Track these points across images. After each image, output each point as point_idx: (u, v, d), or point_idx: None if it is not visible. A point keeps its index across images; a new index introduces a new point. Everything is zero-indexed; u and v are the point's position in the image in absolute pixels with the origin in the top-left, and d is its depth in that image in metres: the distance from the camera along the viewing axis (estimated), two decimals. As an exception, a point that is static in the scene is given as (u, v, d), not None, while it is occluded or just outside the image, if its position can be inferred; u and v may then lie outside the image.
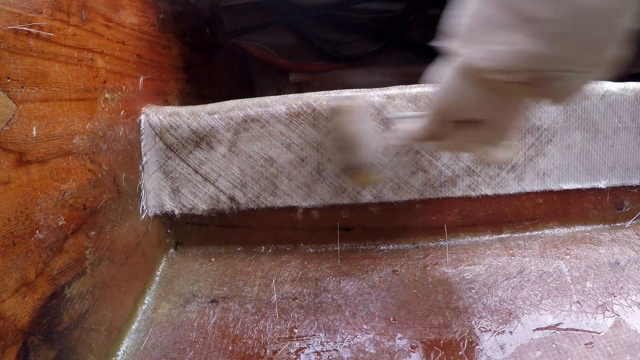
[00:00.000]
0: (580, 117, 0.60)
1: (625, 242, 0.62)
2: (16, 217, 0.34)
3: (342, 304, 0.53)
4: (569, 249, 0.60)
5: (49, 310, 0.37)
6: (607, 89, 0.60)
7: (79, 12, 0.44)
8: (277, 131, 0.58)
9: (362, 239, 0.63)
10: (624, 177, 0.63)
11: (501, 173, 0.60)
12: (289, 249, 0.63)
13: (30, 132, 0.37)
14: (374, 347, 0.48)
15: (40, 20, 0.38)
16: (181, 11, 0.78)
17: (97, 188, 0.46)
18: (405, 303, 0.53)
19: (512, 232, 0.64)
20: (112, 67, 0.51)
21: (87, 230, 0.44)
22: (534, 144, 0.60)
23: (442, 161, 0.59)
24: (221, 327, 0.51)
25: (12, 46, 0.35)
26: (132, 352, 0.48)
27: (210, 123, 0.58)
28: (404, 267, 0.59)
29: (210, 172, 0.59)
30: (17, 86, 0.35)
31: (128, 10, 0.56)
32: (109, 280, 0.47)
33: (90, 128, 0.45)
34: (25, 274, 0.35)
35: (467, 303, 0.53)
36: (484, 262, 0.59)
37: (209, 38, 0.98)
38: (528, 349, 0.47)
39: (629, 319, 0.50)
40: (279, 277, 0.58)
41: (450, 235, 0.63)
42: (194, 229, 0.63)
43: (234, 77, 1.19)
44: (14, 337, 0.33)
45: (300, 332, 0.50)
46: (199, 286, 0.57)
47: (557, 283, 0.55)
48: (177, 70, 0.73)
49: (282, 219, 0.62)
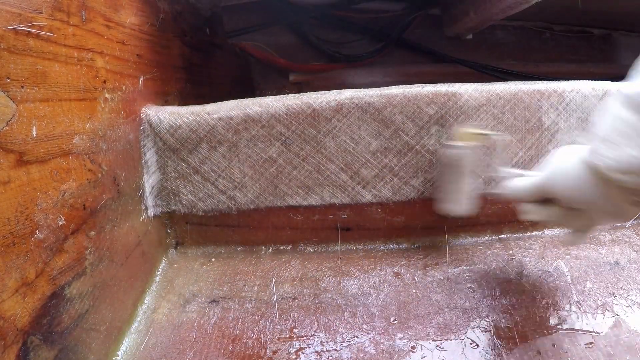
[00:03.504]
0: (580, 118, 0.60)
1: (625, 242, 0.62)
2: (16, 217, 0.34)
3: (342, 304, 0.53)
4: (569, 249, 0.60)
5: (49, 310, 0.37)
6: (607, 89, 0.60)
7: (79, 12, 0.44)
8: (277, 131, 0.58)
9: (362, 239, 0.63)
10: (624, 177, 0.63)
11: (501, 173, 0.60)
12: (289, 249, 0.63)
13: (30, 132, 0.37)
14: (374, 347, 0.48)
15: (40, 20, 0.38)
16: (181, 11, 0.78)
17: (97, 188, 0.46)
18: (405, 303, 0.53)
19: (512, 232, 0.64)
20: (112, 67, 0.51)
21: (87, 230, 0.44)
22: (534, 144, 0.60)
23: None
24: (221, 327, 0.51)
25: (12, 46, 0.35)
26: (132, 352, 0.48)
27: (210, 123, 0.58)
28: (404, 267, 0.58)
29: (210, 172, 0.59)
30: (17, 86, 0.35)
31: (128, 10, 0.56)
32: (108, 280, 0.47)
33: (90, 128, 0.45)
34: (25, 274, 0.35)
35: (467, 303, 0.52)
36: (484, 262, 0.59)
37: (209, 38, 0.98)
38: (528, 349, 0.47)
39: (629, 319, 0.50)
40: (279, 277, 0.58)
41: (450, 235, 0.63)
42: (194, 229, 0.63)
43: (234, 77, 1.19)
44: (14, 337, 0.33)
45: (300, 332, 0.50)
46: (199, 286, 0.57)
47: (557, 283, 0.55)
48: (177, 70, 0.73)
49: (282, 219, 0.62)
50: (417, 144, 0.58)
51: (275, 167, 0.59)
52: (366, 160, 0.59)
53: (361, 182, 0.59)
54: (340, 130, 0.58)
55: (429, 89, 0.58)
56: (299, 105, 0.57)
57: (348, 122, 0.57)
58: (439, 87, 0.58)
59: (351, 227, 0.62)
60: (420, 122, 0.58)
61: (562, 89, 0.59)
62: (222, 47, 1.09)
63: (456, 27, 1.29)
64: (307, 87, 1.35)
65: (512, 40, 1.45)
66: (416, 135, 0.58)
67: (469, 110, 0.58)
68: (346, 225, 0.62)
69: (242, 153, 0.59)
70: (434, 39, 1.38)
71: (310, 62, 1.33)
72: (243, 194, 0.60)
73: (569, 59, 1.47)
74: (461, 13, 1.22)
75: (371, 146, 0.58)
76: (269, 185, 0.60)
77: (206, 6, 0.98)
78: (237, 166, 0.59)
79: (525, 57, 1.44)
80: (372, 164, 0.59)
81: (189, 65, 0.79)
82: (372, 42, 1.35)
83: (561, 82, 0.60)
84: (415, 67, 1.35)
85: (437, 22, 1.37)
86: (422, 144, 0.58)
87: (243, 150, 0.59)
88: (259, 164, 0.59)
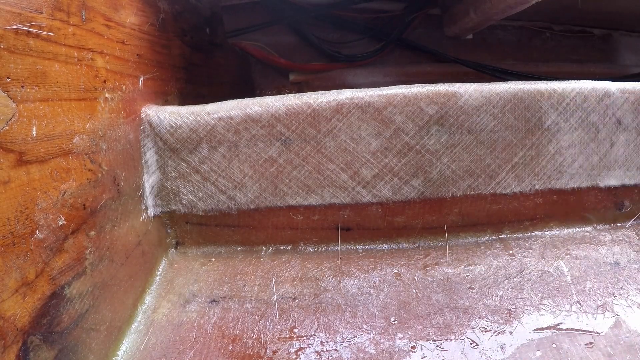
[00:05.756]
0: (580, 118, 0.60)
1: (625, 242, 0.62)
2: (16, 217, 0.34)
3: (342, 304, 0.53)
4: (569, 249, 0.60)
5: (49, 310, 0.37)
6: (606, 89, 0.60)
7: (79, 12, 0.44)
8: (277, 131, 0.58)
9: (362, 239, 0.63)
10: (624, 178, 0.63)
11: (501, 173, 0.60)
12: (289, 249, 0.63)
13: (30, 132, 0.37)
14: (374, 347, 0.48)
15: (40, 20, 0.38)
16: (181, 11, 0.78)
17: (97, 188, 0.46)
18: (405, 303, 0.53)
19: (512, 232, 0.64)
20: (112, 66, 0.50)
21: (87, 230, 0.44)
22: (535, 144, 0.60)
23: (442, 161, 0.59)
24: (221, 327, 0.51)
25: (12, 46, 0.35)
26: (132, 352, 0.48)
27: (211, 123, 0.58)
28: (404, 267, 0.58)
29: (210, 172, 0.59)
30: (17, 86, 0.35)
31: (128, 10, 0.56)
32: (108, 280, 0.47)
33: (90, 128, 0.45)
34: (25, 274, 0.35)
35: (467, 303, 0.52)
36: (484, 262, 0.59)
37: (209, 38, 0.98)
38: (528, 349, 0.47)
39: (629, 319, 0.50)
40: (279, 277, 0.58)
41: (450, 235, 0.63)
42: (194, 229, 0.63)
43: (234, 77, 1.19)
44: (14, 337, 0.33)
45: (300, 332, 0.50)
46: (199, 286, 0.57)
47: (557, 283, 0.55)
48: (177, 70, 0.73)
49: (282, 219, 0.62)
50: (417, 144, 0.58)
51: (276, 167, 0.59)
52: (366, 160, 0.59)
53: (361, 182, 0.59)
54: (340, 130, 0.58)
55: (429, 89, 0.58)
56: (299, 105, 0.57)
57: (348, 122, 0.57)
58: (439, 87, 0.58)
59: (351, 227, 0.62)
60: (420, 122, 0.58)
61: (562, 89, 0.59)
62: (222, 47, 1.09)
63: (456, 27, 1.29)
64: (307, 87, 1.35)
65: (512, 40, 1.45)
66: (416, 135, 0.58)
67: (469, 110, 0.58)
68: (346, 225, 0.62)
69: (242, 153, 0.59)
70: (434, 39, 1.38)
71: (310, 62, 1.33)
72: (243, 193, 0.60)
73: (569, 59, 1.47)
74: (461, 13, 1.22)
75: (371, 146, 0.58)
76: (269, 185, 0.60)
77: (206, 6, 0.98)
78: (237, 166, 0.59)
79: (525, 57, 1.44)
80: (372, 164, 0.59)
81: (189, 65, 0.79)
82: (372, 42, 1.35)
83: (561, 82, 0.61)
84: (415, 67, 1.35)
85: (437, 22, 1.37)
86: (422, 144, 0.58)
87: (243, 150, 0.59)
88: (259, 163, 0.59)
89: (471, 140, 0.59)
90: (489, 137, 0.59)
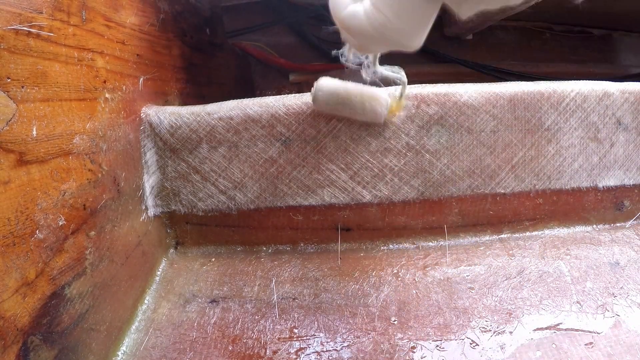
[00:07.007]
0: (580, 118, 0.60)
1: (625, 242, 0.62)
2: (16, 217, 0.34)
3: (342, 304, 0.53)
4: (569, 249, 0.60)
5: (49, 310, 0.37)
6: (606, 90, 0.60)
7: (79, 12, 0.44)
8: (277, 131, 0.58)
9: (362, 239, 0.63)
10: (624, 178, 0.63)
11: (501, 173, 0.60)
12: (289, 249, 0.63)
13: (30, 132, 0.37)
14: (373, 347, 0.48)
15: (40, 20, 0.38)
16: (181, 11, 0.78)
17: (97, 188, 0.46)
18: (405, 303, 0.53)
19: (512, 232, 0.64)
20: (112, 67, 0.51)
21: (87, 230, 0.44)
22: (535, 144, 0.60)
23: (442, 161, 0.59)
24: (221, 327, 0.51)
25: (12, 46, 0.35)
26: (132, 352, 0.48)
27: (211, 123, 0.58)
28: (404, 267, 0.58)
29: (211, 172, 0.59)
30: (17, 86, 0.35)
31: (128, 10, 0.56)
32: (109, 280, 0.47)
33: (91, 128, 0.45)
34: (25, 274, 0.35)
35: (467, 303, 0.52)
36: (484, 262, 0.59)
37: (209, 38, 0.98)
38: (528, 349, 0.47)
39: (629, 319, 0.50)
40: (279, 277, 0.58)
41: (450, 235, 0.63)
42: (194, 229, 0.63)
43: (234, 77, 1.19)
44: (14, 337, 0.33)
45: (301, 332, 0.50)
46: (199, 286, 0.57)
47: (557, 283, 0.55)
48: (177, 70, 0.73)
49: (282, 219, 0.62)
50: (417, 144, 0.58)
51: (276, 167, 0.59)
52: (366, 160, 0.59)
53: (361, 182, 0.59)
54: (340, 130, 0.58)
55: (429, 89, 0.58)
56: (299, 105, 0.57)
57: (348, 122, 0.57)
58: (439, 87, 0.58)
59: (351, 227, 0.62)
60: (420, 122, 0.58)
61: (562, 89, 0.59)
62: (222, 47, 1.09)
63: (456, 27, 1.29)
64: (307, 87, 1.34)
65: (512, 40, 1.45)
66: (416, 135, 0.58)
67: (469, 111, 0.58)
68: (346, 225, 0.62)
69: (242, 153, 0.59)
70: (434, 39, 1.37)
71: (310, 62, 1.33)
72: (243, 194, 0.60)
73: (569, 59, 1.47)
74: (461, 13, 1.21)
75: (371, 146, 0.58)
76: (269, 186, 0.60)
77: (206, 6, 0.98)
78: (237, 166, 0.59)
79: (525, 57, 1.44)
80: (372, 164, 0.59)
81: (189, 65, 0.79)
82: (372, 42, 1.35)
83: (561, 83, 0.61)
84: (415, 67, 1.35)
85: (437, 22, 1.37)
86: (422, 144, 0.58)
87: (243, 150, 0.59)
88: (259, 164, 0.59)
89: (471, 141, 0.59)
90: (489, 137, 0.59)
